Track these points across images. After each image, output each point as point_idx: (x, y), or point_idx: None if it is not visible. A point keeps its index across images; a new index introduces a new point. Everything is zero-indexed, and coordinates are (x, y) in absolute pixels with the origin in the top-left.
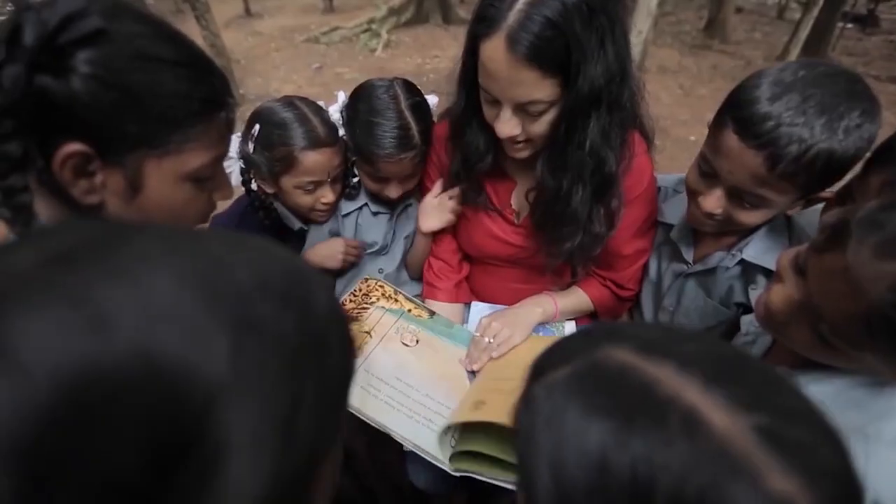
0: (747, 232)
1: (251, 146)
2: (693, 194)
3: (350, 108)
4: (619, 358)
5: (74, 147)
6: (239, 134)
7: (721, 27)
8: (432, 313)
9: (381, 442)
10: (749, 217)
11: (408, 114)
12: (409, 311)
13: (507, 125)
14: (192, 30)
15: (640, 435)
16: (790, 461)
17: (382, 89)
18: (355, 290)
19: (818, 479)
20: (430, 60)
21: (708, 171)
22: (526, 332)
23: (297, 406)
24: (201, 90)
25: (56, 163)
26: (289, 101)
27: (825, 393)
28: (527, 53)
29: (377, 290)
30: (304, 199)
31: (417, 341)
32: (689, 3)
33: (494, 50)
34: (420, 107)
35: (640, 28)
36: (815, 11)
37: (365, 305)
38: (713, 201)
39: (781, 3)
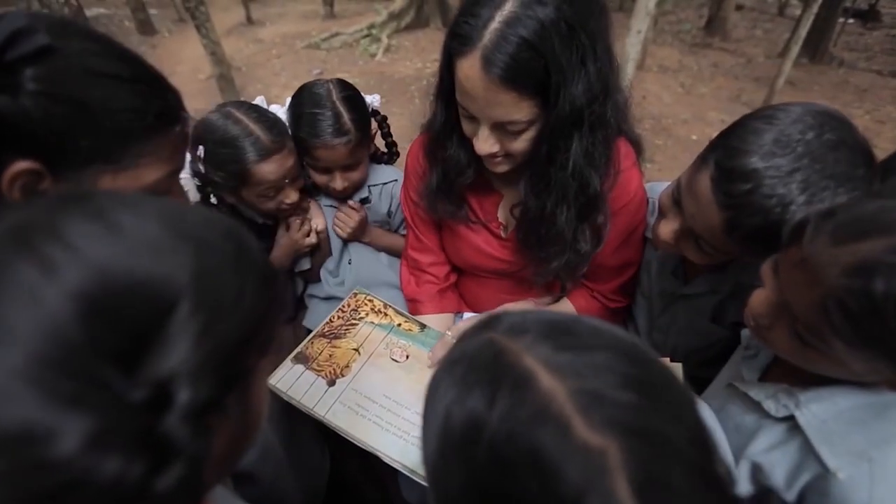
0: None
1: (201, 166)
2: (662, 211)
3: (293, 106)
4: (487, 337)
5: (23, 165)
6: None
7: (721, 25)
8: (423, 326)
9: (374, 457)
10: (697, 256)
11: (340, 105)
12: (399, 325)
13: (486, 143)
14: (194, 38)
15: (476, 393)
16: (605, 419)
17: (318, 86)
18: (343, 306)
19: (634, 437)
20: (430, 64)
21: (678, 199)
22: None
23: (237, 301)
24: (155, 105)
25: (4, 181)
26: (227, 114)
27: (828, 412)
28: (503, 75)
29: (366, 304)
30: (268, 205)
31: (407, 356)
32: (689, 1)
33: (470, 69)
34: (352, 99)
35: (638, 28)
36: (816, 7)
37: (353, 321)
38: (668, 233)
39: (781, 0)
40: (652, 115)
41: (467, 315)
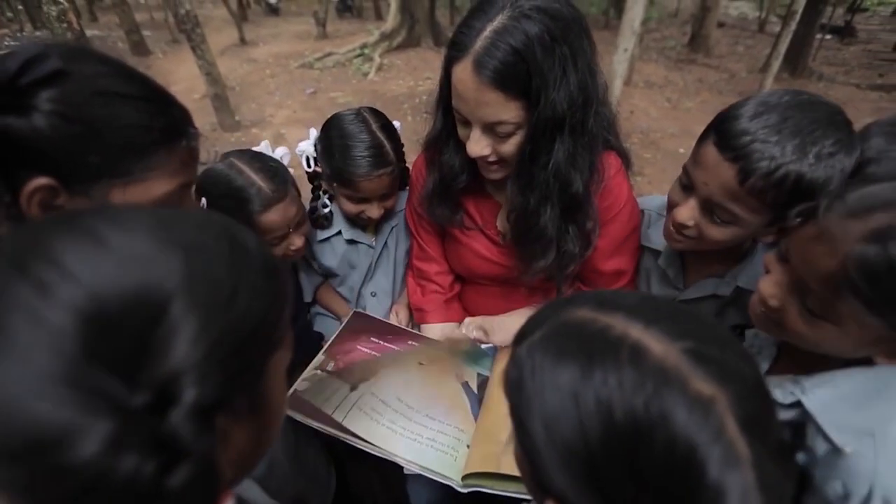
0: (739, 257)
1: None
2: (671, 207)
3: (324, 139)
4: (580, 314)
5: (41, 181)
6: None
7: (704, 42)
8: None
9: (383, 462)
10: (718, 233)
11: (379, 134)
12: None
13: (478, 145)
14: (188, 59)
15: (599, 368)
16: (708, 371)
17: (351, 117)
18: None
19: (730, 382)
20: (422, 82)
21: (686, 183)
22: (507, 336)
23: (233, 298)
24: (160, 120)
25: (23, 198)
26: (229, 164)
27: (832, 395)
28: (492, 77)
29: None
30: (273, 251)
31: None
32: (672, 19)
33: (463, 72)
34: (389, 127)
35: (625, 46)
36: (794, 24)
37: None
38: (686, 211)
39: (761, 17)
40: (640, 130)
41: None
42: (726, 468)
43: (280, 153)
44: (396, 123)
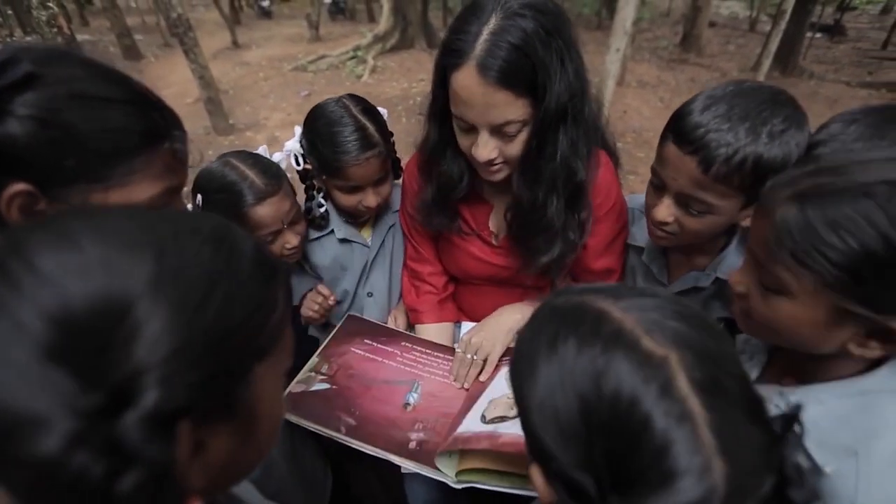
0: (718, 250)
1: None
2: (648, 208)
3: (308, 131)
4: (563, 299)
5: (18, 187)
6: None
7: (696, 41)
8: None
9: (381, 462)
10: (698, 224)
11: (362, 117)
12: None
13: (486, 149)
14: (180, 63)
15: (564, 332)
16: (664, 336)
17: (332, 104)
18: (338, 332)
19: (686, 347)
20: (416, 84)
21: (657, 183)
22: (506, 340)
23: (206, 301)
24: (140, 123)
25: (2, 203)
26: (224, 162)
27: (817, 412)
28: (498, 77)
29: None
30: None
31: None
32: (664, 19)
33: (466, 78)
34: (371, 111)
35: (617, 46)
36: (784, 23)
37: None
38: (663, 209)
39: (752, 17)
40: (633, 129)
41: (465, 324)
42: (672, 422)
43: (276, 158)
44: (382, 110)
